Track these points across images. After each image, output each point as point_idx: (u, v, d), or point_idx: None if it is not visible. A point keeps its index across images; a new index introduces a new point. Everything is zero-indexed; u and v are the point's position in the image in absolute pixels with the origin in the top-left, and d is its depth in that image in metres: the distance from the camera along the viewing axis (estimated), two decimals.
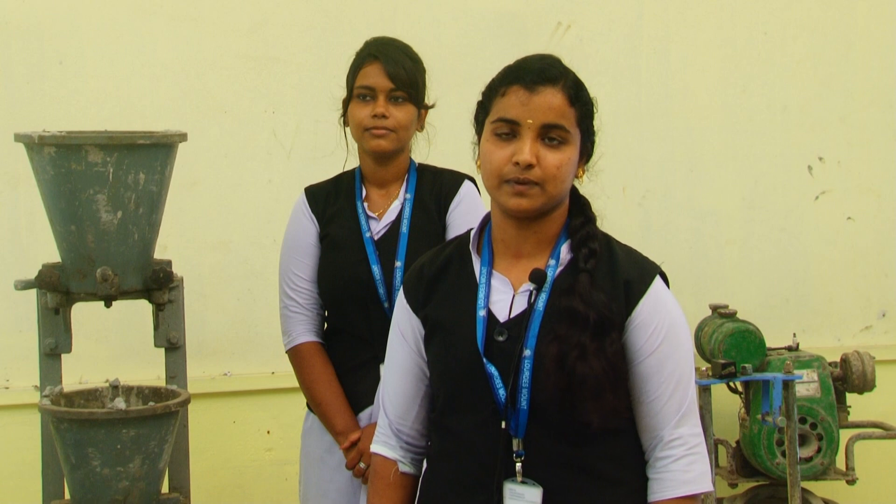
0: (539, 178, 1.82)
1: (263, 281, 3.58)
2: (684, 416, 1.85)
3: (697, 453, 1.86)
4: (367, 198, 2.68)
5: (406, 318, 1.95)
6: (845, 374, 3.69)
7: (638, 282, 1.86)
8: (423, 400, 1.96)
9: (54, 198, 2.62)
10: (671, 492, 1.84)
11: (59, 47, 3.54)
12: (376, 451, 1.99)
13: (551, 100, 1.83)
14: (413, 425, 1.96)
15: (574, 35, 3.88)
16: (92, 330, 3.39)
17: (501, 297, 1.87)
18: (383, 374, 2.01)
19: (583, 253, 1.86)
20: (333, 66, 2.86)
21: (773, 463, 3.59)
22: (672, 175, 3.99)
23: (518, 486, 1.82)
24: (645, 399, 1.85)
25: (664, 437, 1.85)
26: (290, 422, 3.40)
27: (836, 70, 4.07)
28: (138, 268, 2.67)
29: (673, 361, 1.85)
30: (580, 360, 1.78)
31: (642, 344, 1.84)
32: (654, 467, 1.87)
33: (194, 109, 3.60)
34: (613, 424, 1.83)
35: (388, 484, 1.96)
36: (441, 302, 1.91)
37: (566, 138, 1.84)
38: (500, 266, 1.90)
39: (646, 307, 1.85)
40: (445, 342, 1.88)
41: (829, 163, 4.09)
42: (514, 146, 1.83)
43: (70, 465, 2.59)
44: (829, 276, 4.08)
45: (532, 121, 1.82)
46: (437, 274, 1.93)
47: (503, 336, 1.84)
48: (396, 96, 2.60)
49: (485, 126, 1.88)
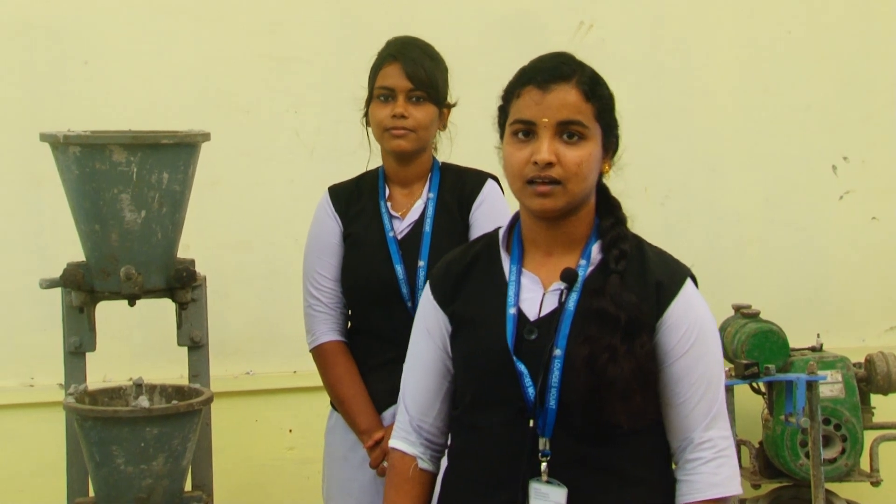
0: (560, 176, 1.81)
1: (285, 280, 3.59)
2: (714, 419, 1.84)
3: (727, 456, 1.85)
4: (391, 197, 2.68)
5: (432, 314, 1.94)
6: (869, 374, 3.67)
7: (669, 284, 1.85)
8: (445, 396, 1.95)
9: (79, 197, 2.63)
10: (700, 494, 1.84)
11: (83, 48, 3.56)
12: (395, 447, 1.98)
13: (565, 97, 1.83)
14: (434, 422, 1.96)
15: (595, 35, 3.87)
16: (116, 328, 3.40)
17: (531, 296, 1.87)
18: (405, 369, 1.99)
19: (613, 254, 1.85)
20: (355, 66, 2.87)
21: (796, 464, 3.57)
22: (694, 175, 3.97)
23: (543, 486, 1.81)
24: (675, 401, 1.84)
25: (694, 440, 1.84)
26: (312, 420, 3.40)
27: (860, 69, 4.04)
28: (161, 267, 2.69)
29: (704, 364, 1.84)
30: (611, 361, 1.77)
31: (673, 346, 1.84)
32: (683, 469, 1.86)
33: (217, 109, 3.61)
34: (642, 426, 1.82)
35: (405, 479, 1.95)
36: (469, 298, 1.90)
37: (585, 134, 1.83)
38: (530, 264, 1.89)
39: (677, 309, 1.84)
40: (474, 339, 1.88)
41: (853, 162, 4.06)
42: (532, 146, 1.82)
43: (94, 463, 2.61)
44: (853, 276, 4.06)
45: (547, 119, 1.82)
46: (466, 270, 1.92)
47: (533, 334, 1.84)
48: (416, 96, 2.60)
49: (505, 129, 1.88)
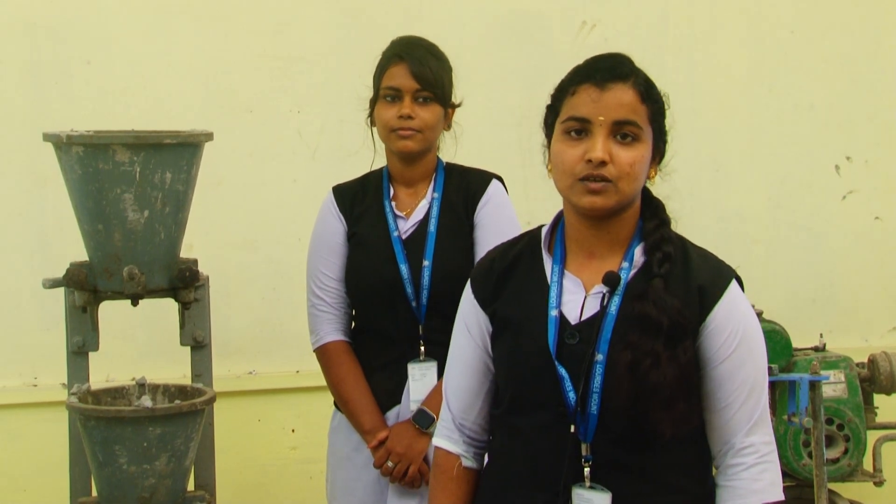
0: (613, 176, 1.79)
1: (288, 280, 3.59)
2: (756, 424, 1.82)
3: (769, 461, 1.82)
4: (395, 197, 2.68)
5: (473, 313, 1.92)
6: (873, 374, 3.66)
7: (712, 287, 1.82)
8: (486, 395, 1.93)
9: (82, 197, 2.64)
10: (741, 500, 1.81)
11: (86, 47, 3.56)
12: (439, 445, 1.97)
13: (622, 96, 1.80)
14: (476, 420, 1.94)
15: (599, 34, 3.87)
16: (119, 328, 3.41)
17: (572, 298, 1.84)
18: (447, 367, 1.98)
19: (657, 257, 1.82)
20: (358, 66, 2.87)
21: (799, 464, 3.56)
22: (698, 175, 3.96)
23: (586, 492, 1.79)
24: (717, 406, 1.81)
25: (735, 445, 1.81)
26: (315, 420, 3.41)
27: (863, 69, 4.04)
28: (164, 266, 2.69)
29: (747, 368, 1.81)
30: (653, 368, 1.75)
31: (716, 349, 1.81)
32: (724, 475, 1.83)
33: (220, 109, 3.61)
34: (685, 433, 1.79)
35: (450, 478, 1.94)
36: (511, 299, 1.88)
37: (638, 135, 1.81)
38: (572, 266, 1.87)
39: (720, 312, 1.82)
40: (514, 341, 1.86)
41: (856, 162, 4.06)
42: (586, 144, 1.80)
43: (97, 463, 2.61)
44: (856, 277, 4.05)
45: (603, 118, 1.79)
46: (507, 270, 1.90)
47: (574, 339, 1.81)
48: (422, 96, 2.60)
49: (555, 128, 1.85)
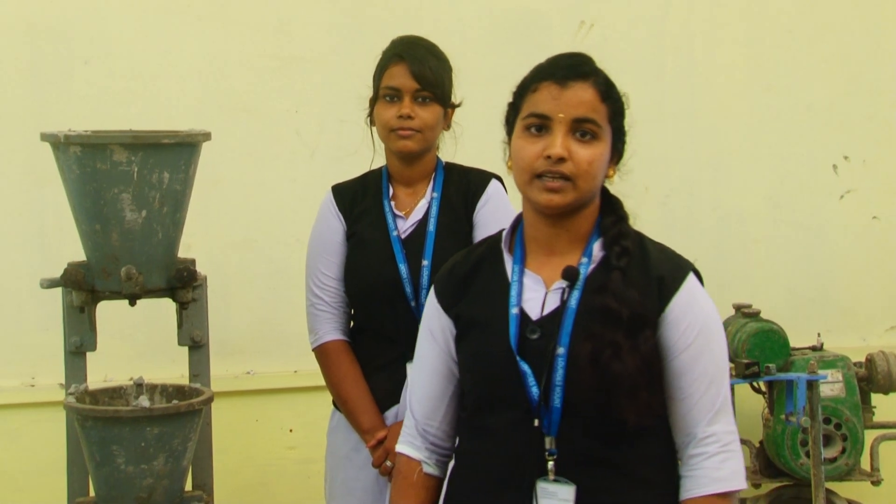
0: (571, 173, 1.81)
1: (287, 280, 3.59)
2: (718, 413, 1.83)
3: (731, 451, 1.84)
4: (394, 196, 2.68)
5: (436, 318, 1.94)
6: (870, 374, 3.67)
7: (671, 278, 1.84)
8: (450, 400, 1.95)
9: (80, 197, 2.64)
10: (703, 489, 1.82)
11: (85, 47, 3.56)
12: (401, 451, 1.98)
13: (582, 94, 1.83)
14: (440, 426, 1.96)
15: (598, 34, 3.87)
16: (116, 328, 3.41)
17: (533, 295, 1.86)
18: (410, 374, 2.00)
19: (615, 251, 1.84)
20: (357, 65, 2.87)
21: (797, 463, 3.57)
22: (696, 174, 3.97)
23: (551, 485, 1.81)
24: (678, 396, 1.83)
25: (697, 435, 1.83)
26: (313, 420, 3.41)
27: (862, 69, 4.04)
28: (162, 266, 2.69)
29: (706, 358, 1.83)
30: (615, 357, 1.77)
31: (675, 340, 1.83)
32: (686, 465, 1.85)
33: (219, 109, 3.61)
34: (648, 423, 1.81)
35: (411, 484, 1.95)
36: (473, 301, 1.90)
37: (597, 133, 1.83)
38: (532, 264, 1.89)
39: (679, 303, 1.83)
40: (478, 341, 1.88)
41: (854, 162, 4.06)
42: (545, 141, 1.82)
43: (95, 463, 2.61)
44: (854, 276, 4.05)
45: (563, 115, 1.81)
46: (469, 273, 1.92)
47: (536, 334, 1.83)
48: (422, 96, 2.60)
49: (515, 124, 1.87)
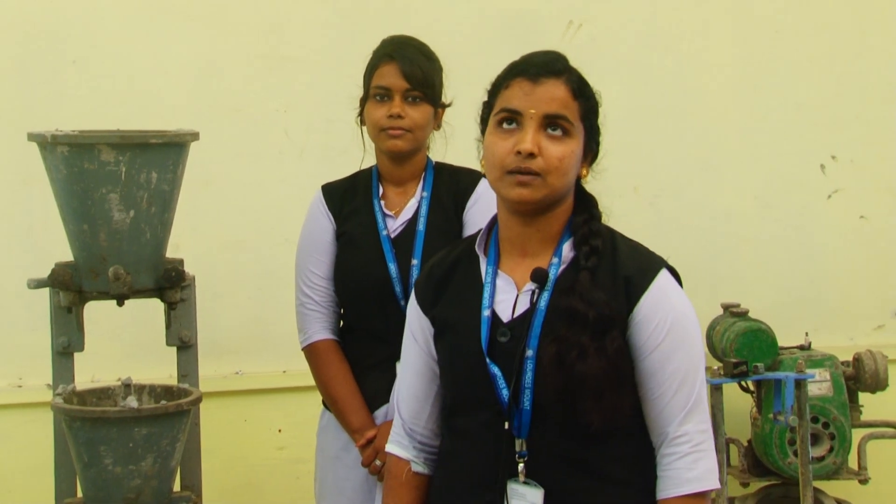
0: (541, 169, 1.81)
1: (276, 280, 3.58)
2: (690, 413, 1.83)
3: (703, 450, 1.83)
4: (384, 196, 2.68)
5: (416, 319, 1.95)
6: (858, 373, 3.68)
7: (639, 278, 1.84)
8: (435, 400, 1.96)
9: (67, 197, 2.63)
10: (676, 490, 1.82)
11: (73, 47, 3.55)
12: (390, 451, 1.99)
13: (554, 91, 1.83)
14: (426, 425, 1.96)
15: (586, 33, 3.88)
16: (104, 329, 3.40)
17: (505, 297, 1.87)
18: (398, 374, 2.03)
19: (584, 250, 1.84)
20: (345, 65, 2.86)
21: (784, 462, 3.58)
22: (685, 174, 3.97)
23: (520, 487, 1.81)
24: (650, 396, 1.83)
25: (669, 434, 1.83)
26: (302, 420, 3.40)
27: (849, 68, 4.06)
28: (150, 267, 2.68)
29: (678, 357, 1.83)
30: (579, 360, 1.77)
31: (645, 340, 1.83)
32: (660, 464, 1.85)
33: (207, 108, 3.60)
34: (617, 424, 1.81)
35: (400, 483, 1.96)
36: (449, 302, 1.91)
37: (569, 130, 1.83)
38: (506, 266, 1.89)
39: (647, 303, 1.83)
40: (451, 343, 1.89)
41: (841, 161, 4.07)
42: (516, 137, 1.82)
43: (82, 464, 2.60)
44: (841, 275, 4.07)
45: (535, 111, 1.81)
46: (446, 274, 1.93)
47: (506, 336, 1.84)
48: (412, 96, 2.60)
49: (489, 121, 1.87)
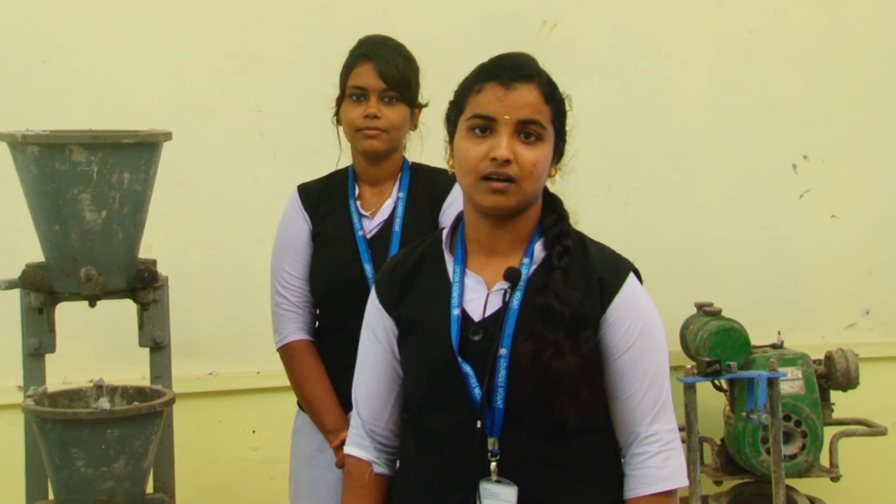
0: (516, 175, 1.82)
1: (250, 280, 3.57)
2: (660, 413, 1.85)
3: (673, 449, 1.86)
4: (360, 196, 2.68)
5: (378, 318, 1.94)
6: (829, 371, 3.71)
7: (612, 279, 1.86)
8: (396, 400, 1.95)
9: (38, 197, 2.61)
10: (647, 488, 1.85)
11: (43, 46, 3.52)
12: (350, 453, 1.99)
13: (528, 96, 1.83)
14: (387, 426, 1.96)
15: (560, 34, 3.89)
16: (76, 330, 3.37)
17: (475, 296, 1.87)
18: (356, 374, 1.99)
19: (556, 250, 1.86)
20: (320, 65, 2.86)
21: (757, 460, 3.60)
22: (659, 173, 3.99)
23: (493, 486, 1.82)
24: (620, 396, 1.85)
25: (640, 434, 1.85)
26: (277, 421, 3.40)
27: (822, 69, 4.09)
28: (123, 267, 2.67)
29: (648, 358, 1.85)
30: (556, 357, 1.78)
31: (617, 341, 1.85)
32: (629, 464, 1.87)
33: (181, 108, 3.59)
34: (589, 422, 1.83)
35: (362, 485, 1.95)
36: (414, 301, 1.90)
37: (542, 135, 1.84)
38: (474, 265, 1.90)
39: (620, 304, 1.85)
40: (420, 342, 1.88)
41: (813, 161, 4.10)
42: (490, 142, 1.82)
43: (54, 466, 2.59)
44: (813, 274, 4.10)
45: (509, 117, 1.82)
46: (410, 273, 1.92)
47: (478, 335, 1.84)
48: (389, 96, 2.60)
49: (459, 124, 1.88)
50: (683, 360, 3.72)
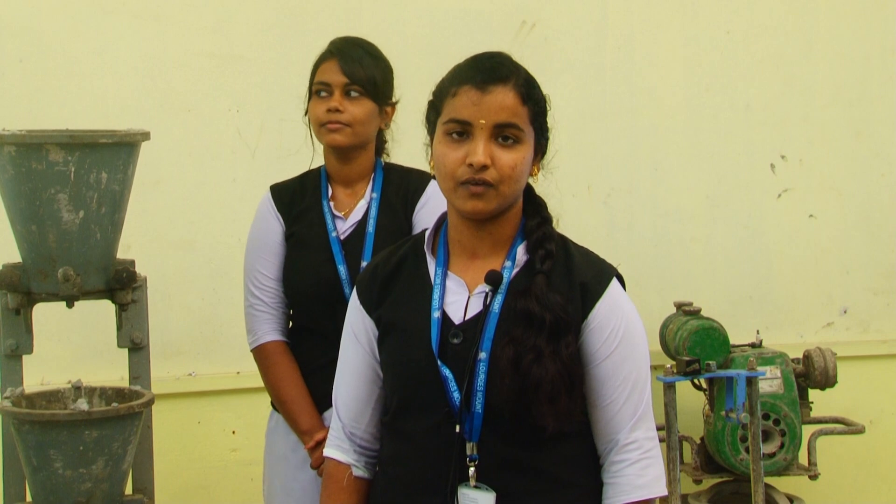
0: (494, 180, 1.80)
1: (228, 280, 3.56)
2: (640, 420, 1.84)
3: (652, 457, 1.85)
4: (334, 197, 2.68)
5: (359, 319, 1.92)
6: (808, 370, 3.73)
7: (594, 284, 1.84)
8: (376, 403, 1.94)
9: (14, 197, 2.59)
10: (625, 496, 1.84)
11: (18, 46, 3.50)
12: (329, 455, 1.96)
13: (503, 99, 1.81)
14: (367, 428, 1.94)
15: (539, 34, 3.89)
16: (54, 330, 3.36)
17: (456, 299, 1.85)
18: (336, 376, 1.97)
19: (539, 254, 1.84)
20: (298, 65, 2.85)
21: (736, 459, 3.62)
22: (636, 173, 4.01)
23: (471, 491, 1.80)
24: (600, 402, 1.84)
25: (619, 441, 1.84)
26: (255, 422, 3.38)
27: (797, 69, 4.11)
28: (101, 268, 2.65)
29: (629, 365, 1.84)
30: (536, 362, 1.76)
31: (598, 347, 1.83)
32: (608, 471, 1.86)
33: (158, 108, 3.57)
34: (568, 428, 1.82)
35: (341, 488, 1.93)
36: (395, 303, 1.89)
37: (520, 137, 1.82)
38: (456, 267, 1.88)
39: (602, 309, 1.83)
40: (399, 344, 1.86)
41: (790, 161, 4.13)
42: (467, 147, 1.80)
43: (32, 468, 2.57)
44: (791, 274, 4.12)
45: (485, 121, 1.80)
46: (392, 274, 1.91)
47: (458, 338, 1.83)
48: (352, 90, 2.60)
49: (437, 127, 1.86)
50: (663, 360, 3.73)
